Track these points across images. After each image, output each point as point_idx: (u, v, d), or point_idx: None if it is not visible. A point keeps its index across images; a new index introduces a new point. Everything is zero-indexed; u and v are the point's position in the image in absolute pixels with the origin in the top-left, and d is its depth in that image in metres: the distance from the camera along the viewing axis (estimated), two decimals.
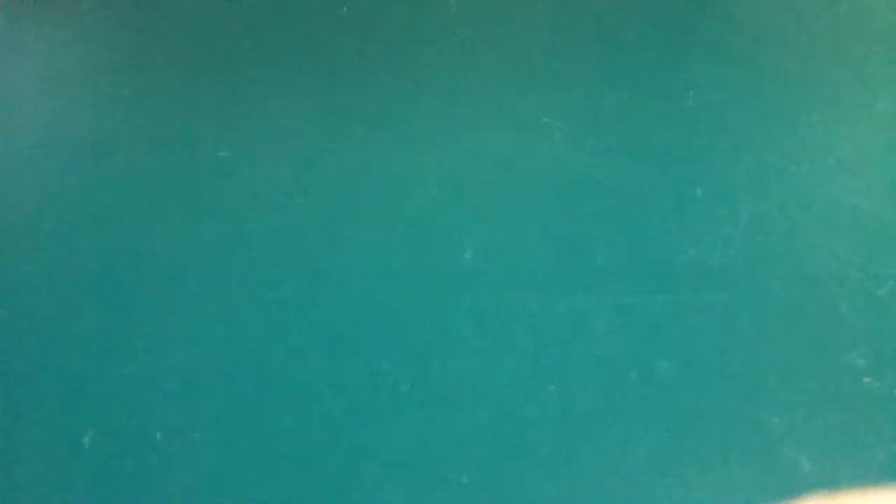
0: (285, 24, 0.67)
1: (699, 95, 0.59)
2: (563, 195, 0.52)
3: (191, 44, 0.66)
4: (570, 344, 0.44)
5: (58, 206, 0.52)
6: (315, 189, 0.53)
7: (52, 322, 0.46)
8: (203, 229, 0.51)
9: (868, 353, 0.43)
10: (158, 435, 0.40)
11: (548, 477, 0.39)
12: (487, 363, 0.43)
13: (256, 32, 0.66)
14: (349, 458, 0.39)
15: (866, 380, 0.42)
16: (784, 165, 0.53)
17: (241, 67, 0.63)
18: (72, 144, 0.57)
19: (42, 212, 0.52)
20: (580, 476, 0.39)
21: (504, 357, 0.43)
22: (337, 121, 0.58)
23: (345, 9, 0.68)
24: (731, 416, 0.41)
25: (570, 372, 0.43)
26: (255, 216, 0.51)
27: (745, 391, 0.42)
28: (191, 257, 0.49)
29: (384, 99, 0.60)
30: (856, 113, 0.58)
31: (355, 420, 0.41)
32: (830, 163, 0.54)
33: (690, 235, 0.49)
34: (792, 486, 0.37)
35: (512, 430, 0.40)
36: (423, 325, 0.45)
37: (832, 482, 0.38)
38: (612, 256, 0.48)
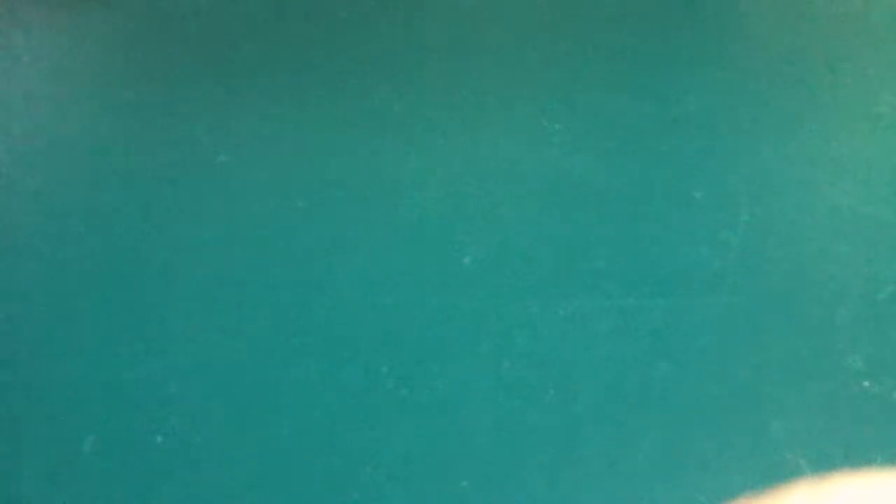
0: (285, 28, 0.67)
1: (698, 99, 0.59)
2: (562, 199, 0.52)
3: (190, 47, 0.66)
4: (570, 347, 0.44)
5: (57, 209, 0.52)
6: (314, 193, 0.53)
7: (51, 326, 0.46)
8: (202, 233, 0.51)
9: (867, 357, 0.43)
10: (159, 438, 0.40)
11: (548, 480, 0.39)
12: (487, 367, 0.43)
13: (256, 36, 0.66)
14: (349, 461, 0.39)
15: (866, 383, 0.42)
16: (783, 169, 0.54)
17: (241, 71, 0.63)
18: (71, 147, 0.57)
19: (41, 214, 0.52)
20: (580, 479, 0.39)
21: (504, 360, 0.43)
22: (336, 125, 0.58)
23: (344, 13, 0.68)
24: (730, 419, 0.41)
25: (570, 375, 0.43)
26: (255, 220, 0.51)
27: (744, 394, 0.42)
28: (190, 261, 0.49)
29: (383, 102, 0.60)
30: (855, 116, 0.58)
31: (355, 423, 0.41)
32: (829, 166, 0.54)
33: (690, 239, 0.49)
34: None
35: (512, 434, 0.40)
36: (423, 328, 0.45)
37: None
38: (612, 260, 0.48)
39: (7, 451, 0.40)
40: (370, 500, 0.38)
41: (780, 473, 0.38)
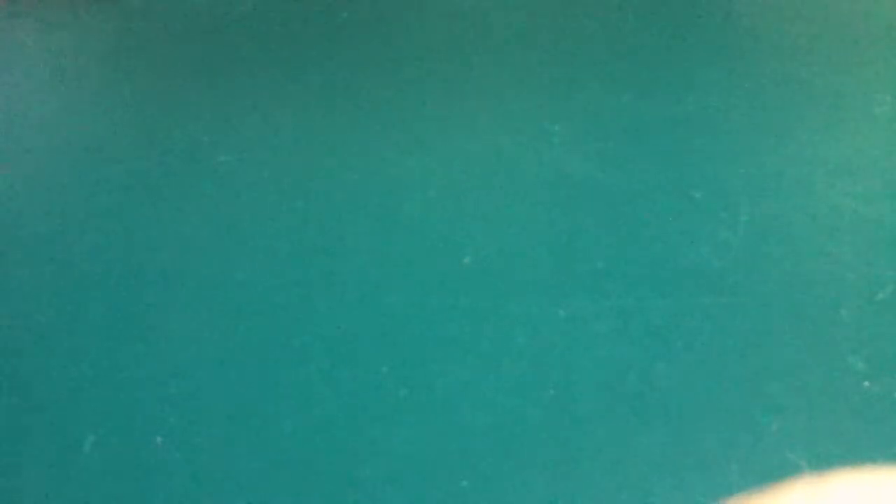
0: (285, 29, 0.67)
1: (698, 99, 0.59)
2: (561, 199, 0.52)
3: (191, 48, 0.66)
4: (569, 348, 0.44)
5: (58, 210, 0.52)
6: (315, 193, 0.53)
7: (52, 326, 0.46)
8: (203, 233, 0.51)
9: (868, 357, 0.43)
10: (159, 439, 0.40)
11: (548, 480, 0.39)
12: (487, 367, 0.43)
13: (256, 36, 0.66)
14: (349, 461, 0.39)
15: (866, 383, 0.42)
16: (783, 169, 0.54)
17: (242, 72, 0.63)
18: (71, 148, 0.57)
19: (42, 215, 0.52)
20: (580, 479, 0.39)
21: (503, 361, 0.43)
22: (337, 125, 0.58)
23: (345, 13, 0.68)
24: (731, 419, 0.41)
25: (570, 376, 0.43)
26: (255, 220, 0.51)
27: (744, 395, 0.42)
28: (191, 261, 0.49)
29: (384, 103, 0.60)
30: (855, 117, 0.58)
31: (355, 424, 0.41)
32: (829, 166, 0.54)
33: (690, 239, 0.49)
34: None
35: (512, 434, 0.40)
36: (423, 329, 0.45)
37: None
38: (612, 260, 0.48)
39: (7, 451, 0.40)
40: (370, 500, 0.38)
41: (780, 473, 0.38)
